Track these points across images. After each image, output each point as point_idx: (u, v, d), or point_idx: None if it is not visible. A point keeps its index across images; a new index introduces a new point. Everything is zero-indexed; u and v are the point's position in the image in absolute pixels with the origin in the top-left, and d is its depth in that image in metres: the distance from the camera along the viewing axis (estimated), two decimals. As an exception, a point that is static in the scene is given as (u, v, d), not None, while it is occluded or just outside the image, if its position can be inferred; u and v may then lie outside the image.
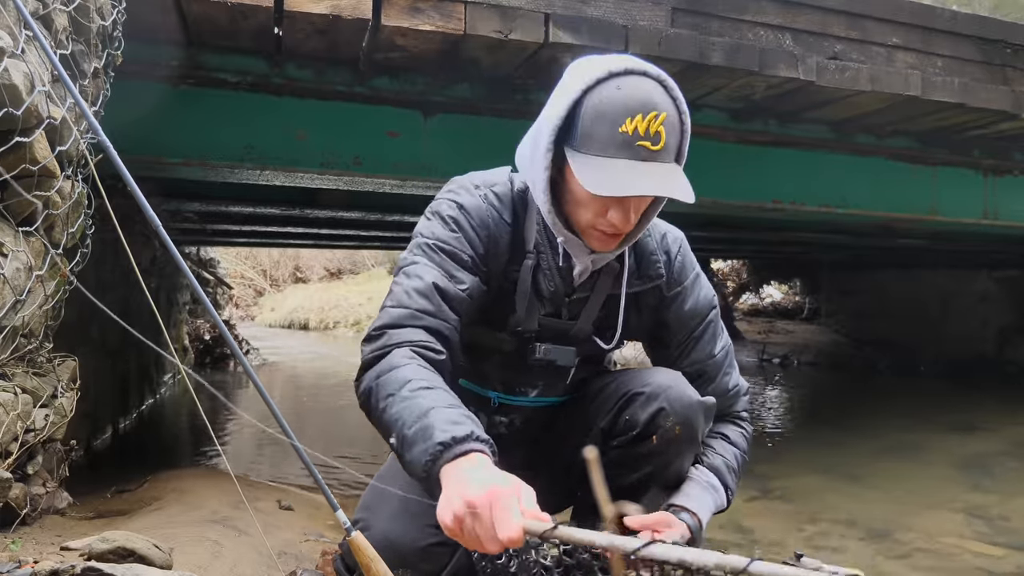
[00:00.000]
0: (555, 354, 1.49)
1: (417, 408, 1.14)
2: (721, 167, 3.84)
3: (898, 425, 5.72)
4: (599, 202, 1.30)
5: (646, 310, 1.56)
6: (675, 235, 1.60)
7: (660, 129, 1.27)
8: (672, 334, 1.57)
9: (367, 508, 1.43)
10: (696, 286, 1.57)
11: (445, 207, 1.42)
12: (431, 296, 1.33)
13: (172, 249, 1.39)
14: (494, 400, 1.57)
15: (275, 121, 3.04)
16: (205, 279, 9.66)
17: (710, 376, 1.58)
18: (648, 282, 1.52)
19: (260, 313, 21.85)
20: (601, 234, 1.35)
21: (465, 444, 1.07)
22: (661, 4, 2.95)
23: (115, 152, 1.35)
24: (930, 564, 2.75)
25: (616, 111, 1.27)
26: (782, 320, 13.02)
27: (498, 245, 1.43)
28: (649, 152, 1.26)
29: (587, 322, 1.50)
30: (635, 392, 1.47)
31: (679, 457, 1.47)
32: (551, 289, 1.46)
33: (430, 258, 1.37)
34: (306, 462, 1.30)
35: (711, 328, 1.59)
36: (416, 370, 1.22)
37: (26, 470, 1.75)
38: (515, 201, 1.47)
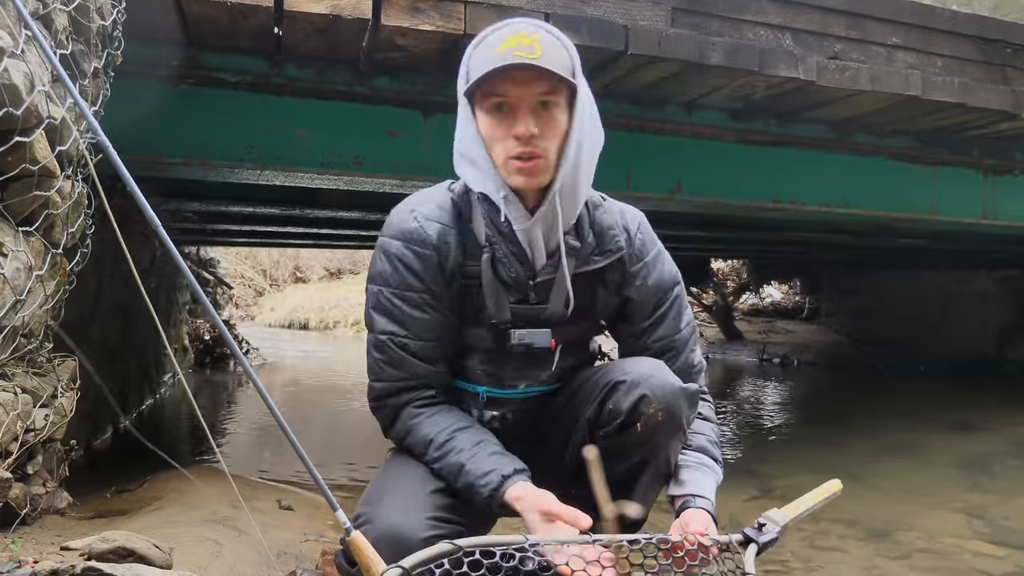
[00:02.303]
0: (531, 337, 1.52)
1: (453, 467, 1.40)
2: (721, 167, 3.84)
3: (898, 425, 5.72)
4: (502, 125, 1.38)
5: (611, 286, 1.58)
6: (634, 213, 1.63)
7: (536, 44, 1.34)
8: (637, 309, 1.59)
9: (369, 503, 1.44)
10: (658, 261, 1.61)
11: (386, 245, 1.49)
12: (400, 364, 1.47)
13: (172, 249, 1.39)
14: (482, 395, 1.59)
15: (275, 121, 3.04)
16: (205, 279, 9.66)
17: (677, 351, 1.61)
18: (609, 256, 1.54)
19: (260, 313, 21.85)
20: (518, 163, 1.38)
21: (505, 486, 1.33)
22: (661, 4, 2.95)
23: (115, 152, 1.35)
24: (930, 564, 2.75)
25: (495, 40, 1.38)
26: (782, 320, 13.02)
27: (448, 249, 1.48)
28: (528, 59, 1.32)
29: (558, 303, 1.52)
30: (617, 381, 1.49)
31: (665, 444, 1.49)
32: (512, 275, 1.49)
33: (387, 315, 1.47)
34: (306, 462, 1.30)
35: (676, 304, 1.62)
36: (430, 426, 1.45)
37: (26, 470, 1.75)
38: (457, 204, 1.52)
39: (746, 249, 10.11)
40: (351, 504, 1.54)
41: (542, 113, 1.38)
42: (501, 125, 1.38)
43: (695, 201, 3.88)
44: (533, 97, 1.36)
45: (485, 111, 1.40)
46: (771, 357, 10.75)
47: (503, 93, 1.36)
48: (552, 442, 1.62)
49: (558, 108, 1.39)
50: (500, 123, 1.38)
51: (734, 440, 5.15)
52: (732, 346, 11.53)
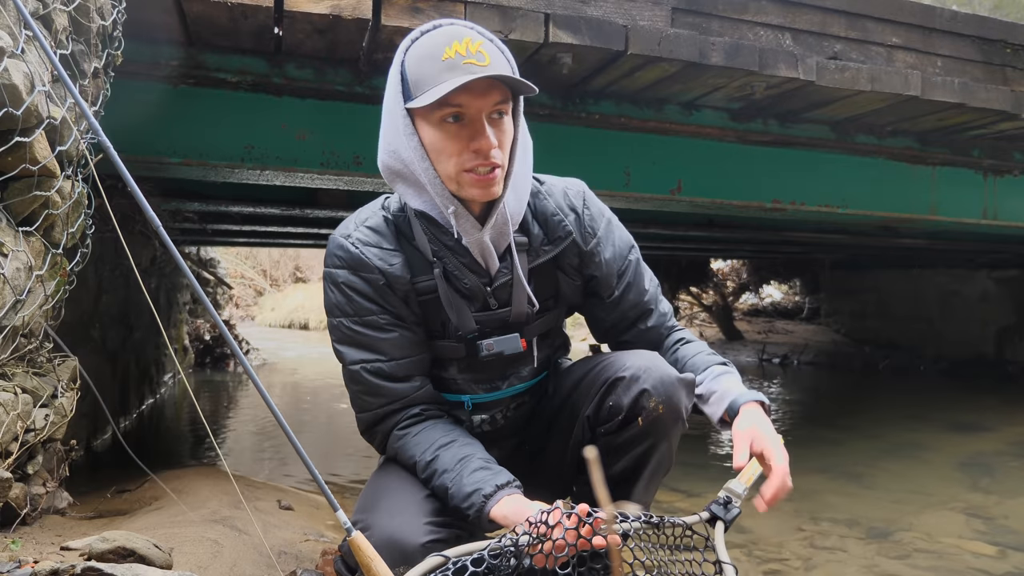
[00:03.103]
0: (500, 346, 1.50)
1: (440, 491, 1.39)
2: (721, 167, 3.84)
3: (898, 425, 5.72)
4: (456, 137, 1.31)
5: (571, 270, 1.57)
6: (576, 188, 1.58)
7: (481, 50, 1.29)
8: (603, 284, 1.58)
9: (365, 509, 1.43)
10: (611, 232, 1.58)
11: (332, 276, 1.46)
12: (378, 390, 1.46)
13: (172, 249, 1.39)
14: (467, 403, 1.58)
15: (275, 121, 3.04)
16: (205, 279, 9.65)
17: (649, 310, 1.62)
18: (559, 243, 1.52)
19: (260, 313, 21.86)
20: (474, 175, 1.33)
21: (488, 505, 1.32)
22: (661, 4, 2.95)
23: (115, 152, 1.35)
24: (930, 564, 2.75)
25: (433, 47, 1.30)
26: (782, 320, 13.03)
27: (393, 270, 1.44)
28: (479, 67, 1.27)
29: (521, 304, 1.49)
30: (616, 377, 1.48)
31: (666, 436, 1.48)
32: (467, 286, 1.47)
33: (353, 344, 1.46)
34: (306, 462, 1.30)
35: (638, 266, 1.61)
36: (414, 446, 1.44)
37: (26, 470, 1.75)
38: (394, 223, 1.47)
39: (746, 249, 10.10)
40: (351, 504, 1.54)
41: (497, 123, 1.33)
42: (455, 137, 1.31)
43: (695, 201, 3.88)
44: (489, 108, 1.31)
45: (434, 124, 1.32)
46: (771, 357, 10.75)
47: (459, 104, 1.29)
48: (553, 440, 1.62)
49: (508, 116, 1.36)
50: (454, 135, 1.31)
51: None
52: (732, 346, 11.53)
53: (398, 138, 1.37)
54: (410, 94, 1.33)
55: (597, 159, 3.60)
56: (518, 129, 1.40)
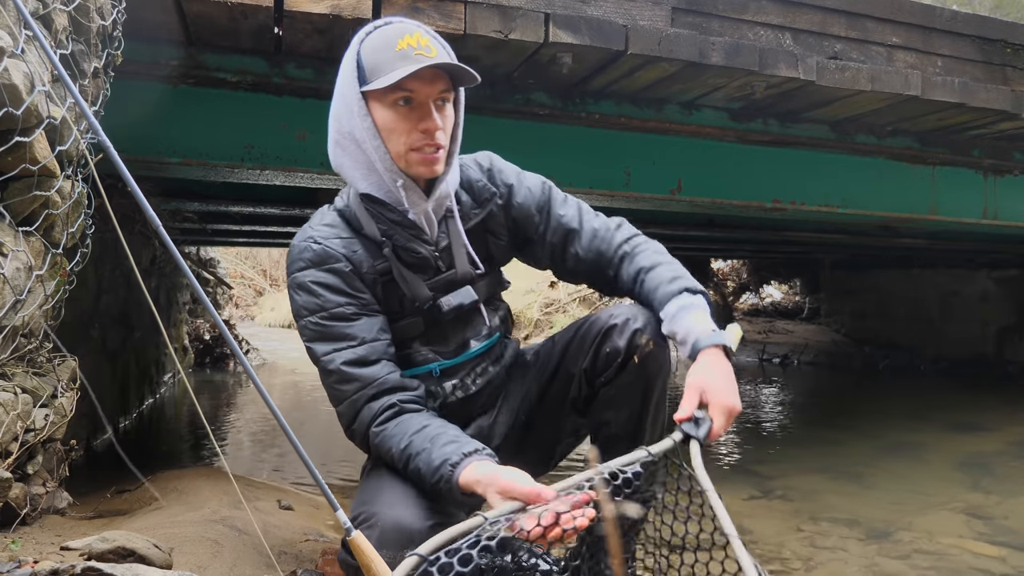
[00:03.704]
0: (458, 298, 1.62)
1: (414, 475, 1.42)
2: (721, 167, 3.84)
3: (898, 425, 5.72)
4: (405, 118, 1.48)
5: (498, 230, 1.70)
6: (484, 155, 1.75)
7: (429, 44, 1.47)
8: (528, 223, 1.70)
9: (367, 502, 1.45)
10: (522, 179, 1.72)
11: (298, 280, 1.55)
12: (349, 377, 1.51)
13: (172, 249, 1.39)
14: (435, 371, 1.65)
15: (275, 121, 3.04)
16: (205, 279, 9.65)
17: (575, 229, 1.69)
18: (486, 204, 1.68)
19: (260, 313, 21.86)
20: (420, 155, 1.50)
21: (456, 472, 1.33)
22: (661, 4, 2.95)
23: (115, 152, 1.35)
24: (930, 564, 2.75)
25: (388, 39, 1.48)
26: (782, 320, 13.01)
27: (357, 256, 1.57)
28: (428, 58, 1.44)
29: (463, 264, 1.63)
30: (609, 326, 1.60)
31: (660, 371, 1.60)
32: (417, 256, 1.59)
33: (322, 339, 1.53)
34: (306, 462, 1.30)
35: (553, 196, 1.72)
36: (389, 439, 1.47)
37: (26, 470, 1.75)
38: (345, 215, 1.61)
39: (746, 249, 10.11)
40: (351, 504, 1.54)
41: (441, 108, 1.50)
42: (405, 119, 1.48)
43: (695, 201, 3.88)
44: (436, 94, 1.48)
45: (387, 105, 1.48)
46: (771, 357, 10.75)
47: (410, 89, 1.45)
48: (548, 405, 1.71)
49: (450, 103, 1.53)
50: (404, 117, 1.47)
51: (734, 440, 5.15)
52: (732, 346, 11.50)
53: (352, 119, 1.51)
54: (366, 79, 1.48)
55: (597, 159, 3.60)
56: (458, 116, 1.58)
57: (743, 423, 5.82)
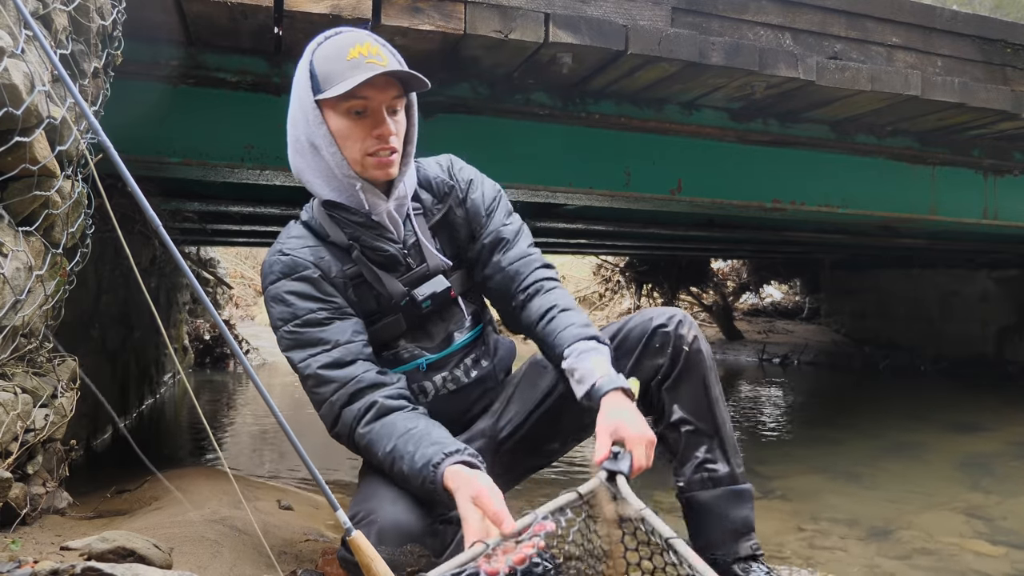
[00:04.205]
0: (431, 287, 1.65)
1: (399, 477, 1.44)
2: (721, 167, 3.84)
3: (898, 425, 5.72)
4: (360, 126, 1.52)
5: (461, 224, 1.75)
6: (444, 156, 1.82)
7: (380, 53, 1.52)
8: (475, 221, 1.75)
9: (366, 500, 1.46)
10: (479, 178, 1.79)
11: (272, 292, 1.61)
12: (327, 378, 1.54)
13: (172, 249, 1.39)
14: (422, 366, 1.68)
15: (275, 121, 3.00)
16: (205, 279, 9.65)
17: (508, 240, 1.74)
18: (446, 199, 1.74)
19: (260, 313, 21.84)
20: (376, 159, 1.55)
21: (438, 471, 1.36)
22: (661, 4, 2.95)
23: (115, 152, 1.35)
24: (930, 564, 2.75)
25: (339, 49, 1.52)
26: (782, 320, 13.02)
27: (326, 263, 1.61)
28: (379, 66, 1.49)
29: (433, 257, 1.68)
30: (655, 325, 1.68)
31: (706, 360, 1.68)
32: (385, 254, 1.63)
33: (298, 346, 1.57)
34: (306, 462, 1.30)
35: (501, 204, 1.78)
36: (376, 441, 1.49)
37: (26, 470, 1.75)
38: (311, 226, 1.67)
39: (746, 249, 10.11)
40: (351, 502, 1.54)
41: (394, 114, 1.55)
42: (359, 125, 1.52)
43: (695, 201, 3.88)
44: (388, 101, 1.52)
45: (341, 113, 1.52)
46: (771, 357, 10.75)
47: (364, 97, 1.50)
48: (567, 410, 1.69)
49: (402, 109, 1.59)
50: (358, 124, 1.52)
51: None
52: (732, 346, 11.53)
53: (309, 127, 1.56)
54: (319, 88, 1.52)
55: (597, 159, 3.60)
56: (411, 119, 1.62)
57: (743, 423, 5.82)
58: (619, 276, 13.15)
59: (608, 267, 13.90)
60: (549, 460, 1.87)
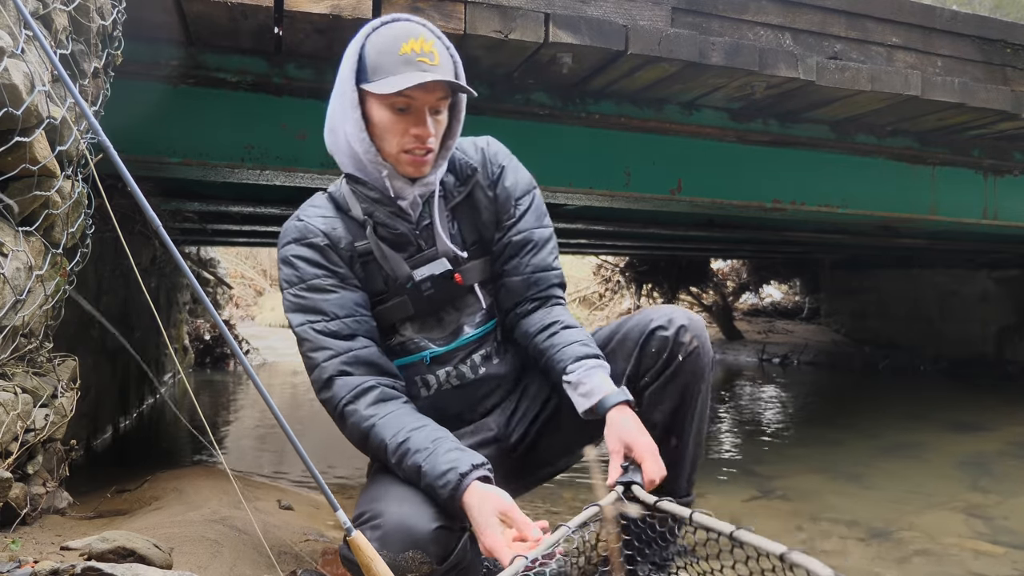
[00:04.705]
0: (430, 269, 1.63)
1: (412, 470, 1.42)
2: (721, 167, 3.84)
3: (898, 425, 5.72)
4: (400, 121, 1.53)
5: (485, 209, 1.71)
6: (483, 136, 1.78)
7: (433, 50, 1.51)
8: (503, 208, 1.71)
9: (373, 499, 1.45)
10: (514, 165, 1.75)
11: (283, 254, 1.63)
12: (322, 344, 1.55)
13: (172, 249, 1.39)
14: (426, 358, 1.66)
15: (275, 121, 3.03)
16: (205, 279, 9.65)
17: (536, 245, 1.72)
18: (468, 182, 1.70)
19: (260, 313, 21.84)
20: (411, 156, 1.56)
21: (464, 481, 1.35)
22: (661, 4, 2.95)
23: (115, 152, 1.35)
24: (930, 564, 2.75)
25: (393, 41, 1.51)
26: (782, 320, 13.01)
27: (336, 234, 1.62)
28: (429, 65, 1.50)
29: (444, 242, 1.65)
30: (653, 327, 1.63)
31: (703, 373, 1.62)
32: (397, 232, 1.63)
33: (300, 310, 1.58)
34: (306, 462, 1.30)
35: (536, 204, 1.75)
36: (384, 428, 1.48)
37: (26, 470, 1.75)
38: (334, 198, 1.68)
39: (746, 249, 10.10)
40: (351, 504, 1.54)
41: (437, 114, 1.56)
42: (400, 121, 1.53)
43: (695, 201, 3.88)
44: (432, 102, 1.53)
45: (385, 105, 1.52)
46: (771, 357, 10.75)
47: (410, 96, 1.50)
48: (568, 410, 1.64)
49: (446, 109, 1.59)
50: (399, 120, 1.53)
51: (734, 440, 5.15)
52: (732, 346, 11.52)
53: (344, 109, 1.57)
54: (366, 76, 1.53)
55: (597, 159, 3.60)
56: (455, 118, 1.63)
57: (743, 423, 5.82)
58: (619, 276, 13.15)
59: (608, 267, 13.90)
60: (557, 471, 1.84)
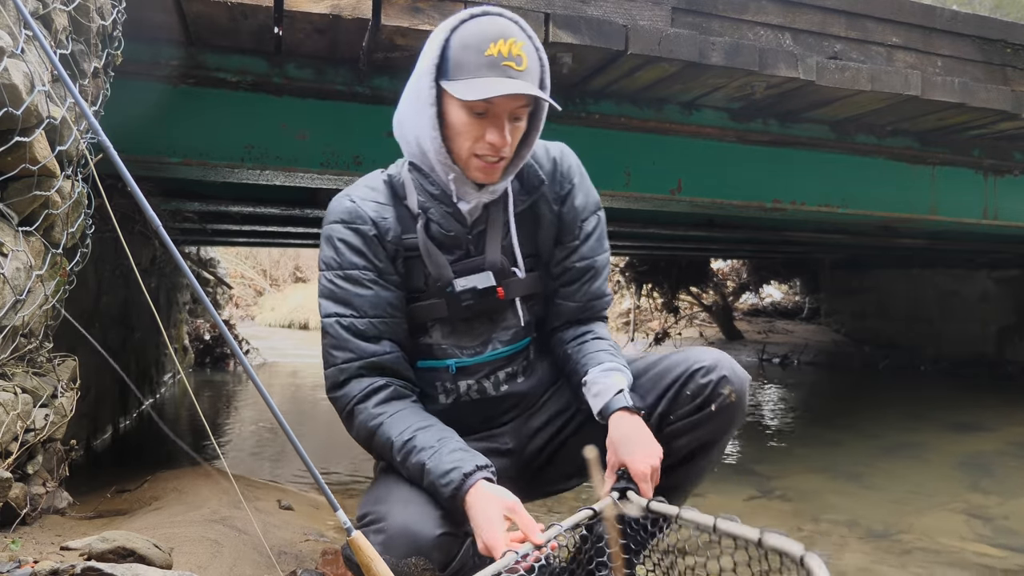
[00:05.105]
0: (473, 281, 1.57)
1: (416, 468, 1.41)
2: (721, 167, 3.84)
3: (898, 425, 5.72)
4: (476, 125, 1.45)
5: (547, 224, 1.65)
6: (556, 144, 1.70)
7: (521, 53, 1.42)
8: (567, 228, 1.66)
9: (378, 501, 1.44)
10: (585, 183, 1.69)
11: (328, 231, 1.56)
12: (345, 344, 1.51)
13: (172, 249, 1.39)
14: (452, 367, 1.62)
15: (275, 121, 3.04)
16: (205, 279, 9.65)
17: (596, 272, 1.69)
18: (533, 192, 1.63)
19: (260, 313, 21.86)
20: (482, 162, 1.48)
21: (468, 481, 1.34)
22: (661, 4, 2.95)
23: (115, 152, 1.35)
24: (930, 564, 2.75)
25: (480, 39, 1.42)
26: (782, 320, 13.02)
27: (386, 224, 1.55)
28: (515, 71, 1.41)
29: (494, 252, 1.59)
30: (695, 370, 1.57)
31: (730, 427, 1.59)
32: (449, 233, 1.57)
33: (331, 298, 1.54)
34: (306, 462, 1.30)
35: (600, 227, 1.70)
36: (390, 427, 1.45)
37: (26, 470, 1.75)
38: (391, 183, 1.60)
39: (746, 249, 10.10)
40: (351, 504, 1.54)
41: (516, 121, 1.48)
42: (477, 125, 1.45)
43: (695, 201, 3.88)
44: (513, 109, 1.45)
45: (462, 108, 1.45)
46: (771, 357, 10.75)
47: (489, 101, 1.42)
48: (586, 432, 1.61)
49: (526, 116, 1.51)
50: (476, 123, 1.45)
51: (734, 440, 5.15)
52: (732, 346, 11.52)
53: (419, 102, 1.48)
54: (447, 72, 1.44)
55: (597, 159, 3.59)
56: (534, 126, 1.54)
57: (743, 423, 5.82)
58: (619, 276, 13.14)
59: (608, 267, 13.87)
60: (568, 487, 1.79)
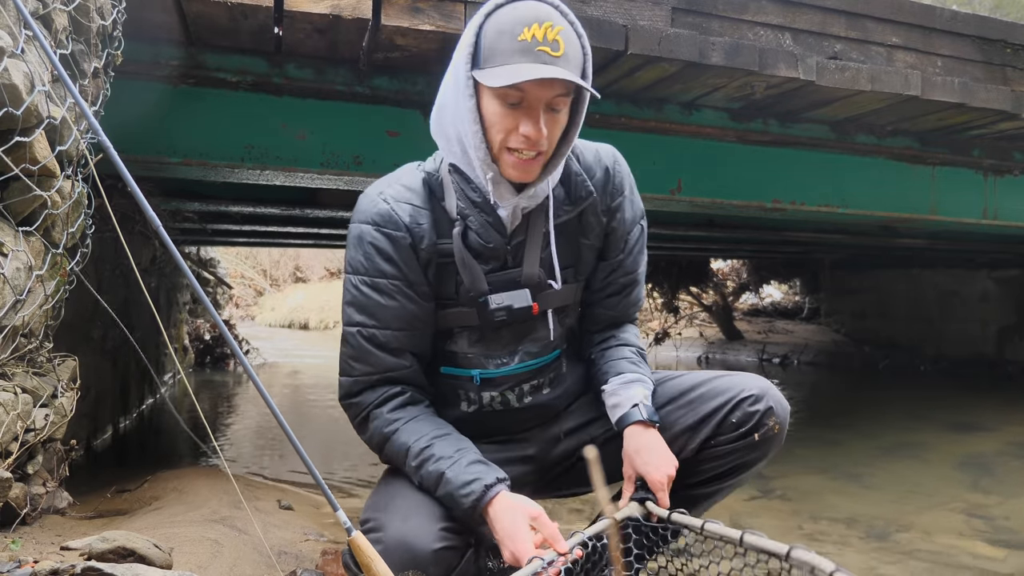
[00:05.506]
0: (510, 299, 1.49)
1: (433, 476, 1.38)
2: (721, 167, 3.84)
3: (898, 425, 5.72)
4: (510, 117, 1.35)
5: (592, 234, 1.59)
6: (608, 149, 1.62)
7: (558, 38, 1.32)
8: (614, 243, 1.62)
9: (379, 508, 1.42)
10: (634, 194, 1.63)
11: (358, 232, 1.47)
12: (366, 357, 1.46)
13: (172, 249, 1.39)
14: (476, 378, 1.57)
15: (275, 121, 3.04)
16: (205, 279, 9.65)
17: (636, 283, 1.67)
18: (580, 203, 1.54)
19: (260, 313, 21.87)
20: (515, 158, 1.38)
21: (489, 492, 1.33)
22: (661, 4, 2.95)
23: (115, 152, 1.35)
24: (930, 564, 2.75)
25: (514, 24, 1.32)
26: (782, 320, 13.01)
27: (421, 230, 1.46)
28: (551, 57, 1.30)
29: (532, 265, 1.51)
30: (742, 398, 1.55)
31: (767, 456, 1.59)
32: (488, 244, 1.48)
33: (357, 306, 1.46)
34: (306, 461, 1.30)
35: (643, 238, 1.66)
36: (407, 433, 1.43)
37: (26, 470, 1.75)
38: (428, 183, 1.50)
39: (746, 249, 10.11)
40: (351, 504, 1.54)
41: (553, 113, 1.38)
42: (511, 116, 1.36)
43: (695, 201, 3.88)
44: (549, 98, 1.35)
45: (495, 96, 1.35)
46: (771, 357, 10.75)
47: (521, 90, 1.33)
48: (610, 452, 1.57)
49: (566, 107, 1.40)
50: (510, 113, 1.36)
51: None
52: (732, 346, 11.53)
53: (458, 97, 1.40)
54: (480, 61, 1.35)
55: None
56: (575, 120, 1.43)
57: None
58: (619, 276, 13.13)
59: (608, 267, 13.85)
60: (582, 492, 1.76)
